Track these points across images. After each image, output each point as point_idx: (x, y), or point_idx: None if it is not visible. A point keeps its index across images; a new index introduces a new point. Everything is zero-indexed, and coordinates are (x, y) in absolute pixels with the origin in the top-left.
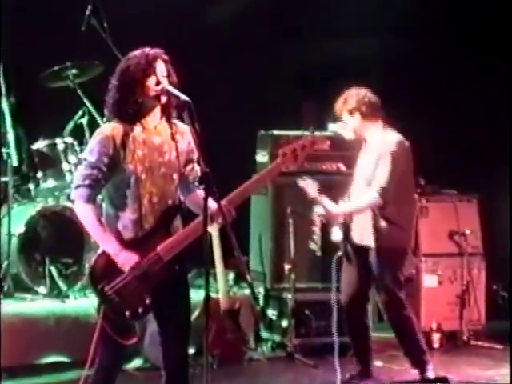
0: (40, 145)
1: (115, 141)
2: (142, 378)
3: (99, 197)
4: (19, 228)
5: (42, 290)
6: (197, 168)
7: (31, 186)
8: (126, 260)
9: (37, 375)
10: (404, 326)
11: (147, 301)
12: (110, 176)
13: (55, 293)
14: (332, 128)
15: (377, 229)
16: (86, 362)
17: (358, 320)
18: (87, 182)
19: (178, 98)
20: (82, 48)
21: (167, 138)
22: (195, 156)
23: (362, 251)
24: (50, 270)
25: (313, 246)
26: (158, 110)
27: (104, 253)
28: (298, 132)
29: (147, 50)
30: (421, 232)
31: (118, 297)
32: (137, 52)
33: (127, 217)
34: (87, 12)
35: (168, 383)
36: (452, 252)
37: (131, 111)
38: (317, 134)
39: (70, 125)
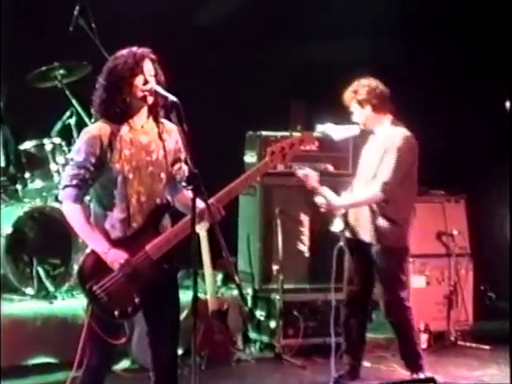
0: (28, 145)
1: (102, 140)
2: (130, 379)
3: (87, 197)
4: (6, 229)
5: (30, 290)
6: (184, 168)
7: (19, 186)
8: (115, 258)
9: (24, 376)
10: (403, 327)
11: (136, 300)
12: (97, 176)
13: (43, 294)
14: (320, 129)
15: (375, 225)
16: (74, 363)
17: (355, 319)
18: (74, 181)
19: (166, 98)
20: (69, 48)
21: (154, 137)
22: (182, 155)
23: (362, 245)
24: (37, 271)
25: (301, 246)
26: (145, 110)
27: (92, 252)
28: (287, 133)
29: (134, 49)
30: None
31: (106, 296)
32: (124, 51)
33: (115, 216)
34: (75, 12)
35: None
36: (440, 253)
37: (118, 110)
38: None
39: (58, 125)
